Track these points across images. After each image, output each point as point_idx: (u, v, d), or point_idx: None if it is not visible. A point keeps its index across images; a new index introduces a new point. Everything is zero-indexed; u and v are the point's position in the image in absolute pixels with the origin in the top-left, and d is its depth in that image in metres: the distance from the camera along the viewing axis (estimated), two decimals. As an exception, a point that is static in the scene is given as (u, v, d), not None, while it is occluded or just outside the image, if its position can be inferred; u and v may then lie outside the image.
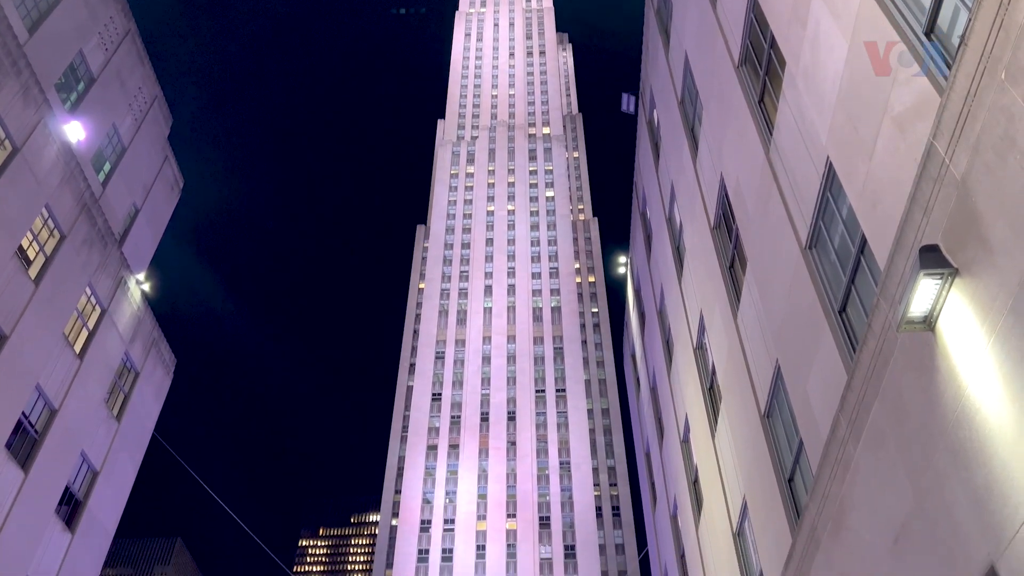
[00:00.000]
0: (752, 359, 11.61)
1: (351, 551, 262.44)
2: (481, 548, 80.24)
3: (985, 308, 5.44)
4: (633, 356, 29.29)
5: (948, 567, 5.97)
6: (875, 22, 7.29)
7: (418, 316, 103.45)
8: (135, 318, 25.76)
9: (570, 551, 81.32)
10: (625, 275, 30.27)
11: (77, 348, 22.59)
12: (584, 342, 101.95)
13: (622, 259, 29.81)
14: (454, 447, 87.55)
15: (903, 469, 6.69)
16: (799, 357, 9.63)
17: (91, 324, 23.38)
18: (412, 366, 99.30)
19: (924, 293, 5.94)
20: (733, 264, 12.81)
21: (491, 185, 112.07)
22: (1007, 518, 5.13)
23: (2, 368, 19.02)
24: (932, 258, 5.87)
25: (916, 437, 6.43)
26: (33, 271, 20.55)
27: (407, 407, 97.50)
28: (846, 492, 7.96)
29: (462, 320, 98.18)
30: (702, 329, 15.24)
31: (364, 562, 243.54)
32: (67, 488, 22.12)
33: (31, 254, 20.58)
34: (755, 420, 11.41)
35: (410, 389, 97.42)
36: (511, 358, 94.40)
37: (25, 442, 20.37)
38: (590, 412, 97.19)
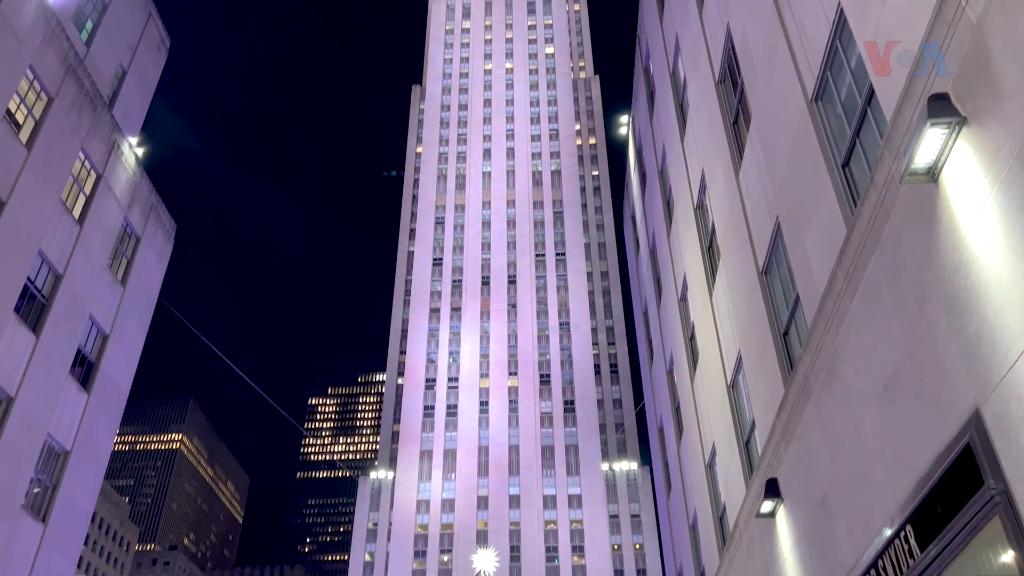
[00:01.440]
0: (752, 216, 11.59)
1: (359, 409, 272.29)
2: (484, 404, 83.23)
3: (990, 157, 5.37)
4: (633, 217, 29.28)
5: (935, 412, 6.19)
6: None
7: (416, 181, 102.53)
8: (131, 183, 25.56)
9: (569, 406, 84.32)
10: (626, 135, 29.77)
11: (76, 214, 22.55)
12: (584, 205, 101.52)
13: (624, 119, 29.21)
14: (456, 310, 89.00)
15: (896, 320, 6.81)
16: (799, 213, 9.60)
17: (88, 189, 23.23)
18: (412, 232, 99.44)
19: (930, 143, 5.85)
20: (737, 120, 12.56)
21: (488, 42, 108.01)
22: (996, 364, 5.27)
23: (3, 234, 19.07)
24: (941, 106, 5.74)
25: (912, 289, 6.51)
26: (24, 135, 20.21)
27: (409, 272, 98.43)
28: (839, 344, 8.15)
29: (461, 185, 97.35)
30: (703, 188, 15.14)
31: (372, 419, 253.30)
32: (79, 351, 22.69)
33: (20, 118, 20.17)
34: (753, 277, 11.53)
35: (411, 254, 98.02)
36: (511, 223, 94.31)
37: (33, 307, 20.71)
38: (589, 275, 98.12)
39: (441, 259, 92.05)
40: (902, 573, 6.73)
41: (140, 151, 26.21)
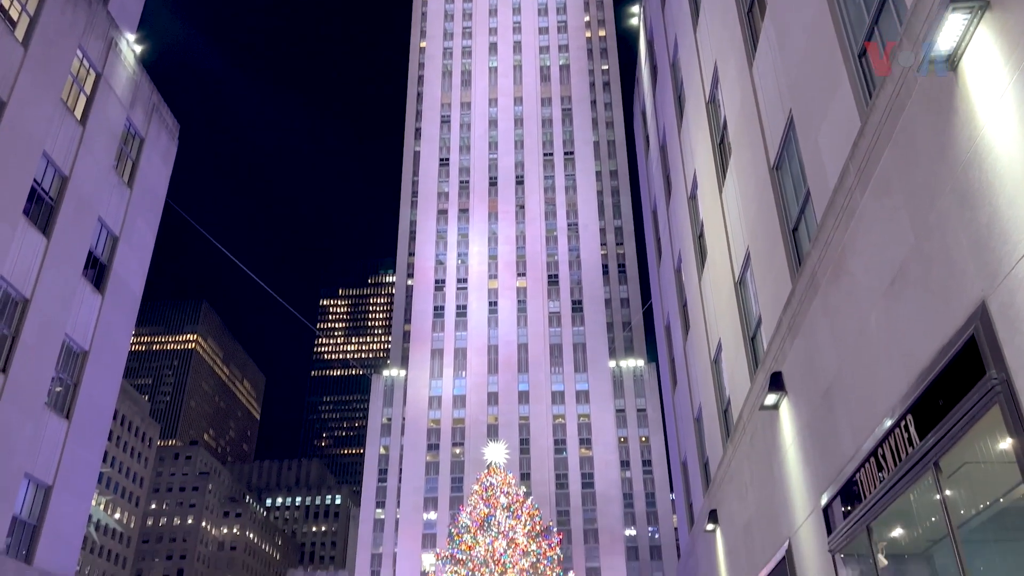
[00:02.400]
0: (765, 110, 11.35)
1: (370, 309, 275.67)
2: (493, 304, 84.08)
3: (1012, 43, 5.19)
4: (643, 113, 28.72)
5: (941, 304, 6.22)
6: None
7: (421, 78, 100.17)
8: (132, 82, 25.11)
9: (577, 305, 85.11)
10: (637, 26, 28.84)
11: (78, 114, 22.28)
12: (593, 102, 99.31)
13: (635, 8, 28.22)
14: (464, 211, 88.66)
15: (907, 214, 6.76)
16: (813, 106, 9.40)
17: (88, 89, 22.85)
18: (418, 131, 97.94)
19: (950, 29, 5.66)
20: (752, 9, 12.13)
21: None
22: (1005, 255, 5.26)
23: (6, 135, 18.91)
24: (964, -10, 5.52)
25: (924, 181, 6.43)
26: (20, 33, 19.75)
27: (415, 173, 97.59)
28: (848, 239, 8.12)
29: (467, 82, 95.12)
30: (715, 81, 14.78)
31: (383, 319, 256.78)
32: (91, 253, 22.85)
33: (14, 15, 19.65)
34: (764, 173, 11.39)
35: (417, 154, 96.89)
36: (518, 121, 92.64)
37: (42, 209, 20.75)
38: (598, 174, 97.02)
39: (448, 159, 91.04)
40: (900, 461, 6.92)
41: (139, 48, 25.63)
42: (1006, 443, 5.46)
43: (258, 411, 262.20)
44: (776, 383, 10.40)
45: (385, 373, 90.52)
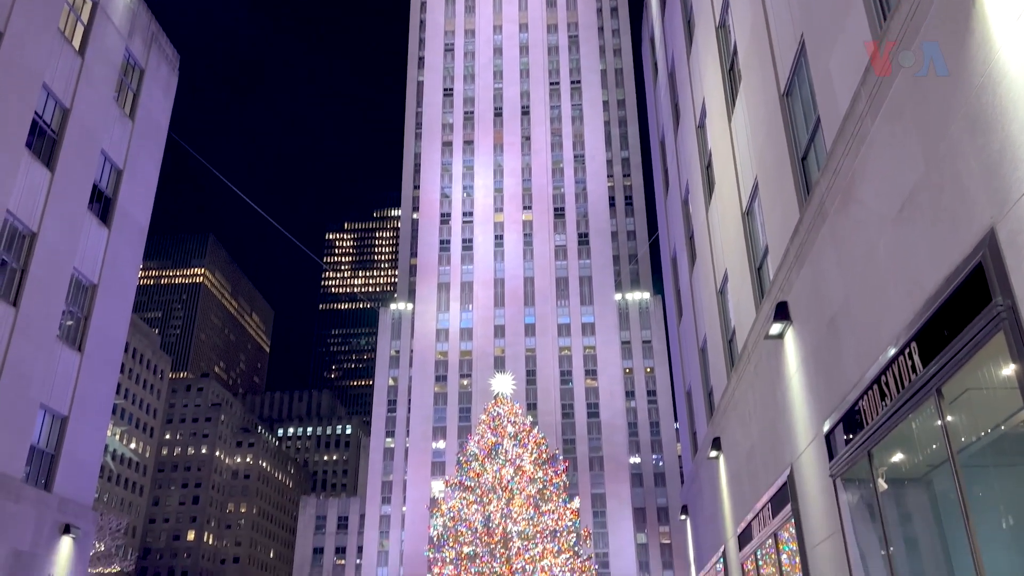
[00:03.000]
0: (776, 36, 11.09)
1: (376, 243, 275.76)
2: (499, 238, 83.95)
3: (1035, -40, 5.02)
4: (651, 40, 28.10)
5: (949, 232, 6.18)
6: None
7: (424, 4, 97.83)
8: (129, 11, 24.60)
9: (583, 238, 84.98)
10: (645, -50, 27.96)
11: (76, 44, 21.92)
12: (600, 29, 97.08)
13: (643, -69, 27.31)
14: (468, 143, 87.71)
15: (918, 140, 6.67)
16: (825, 31, 9.17)
17: (85, 18, 22.42)
18: (421, 60, 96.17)
19: (971, -54, 5.47)
20: (764, -72, 11.72)
21: None
22: (1016, 181, 5.20)
23: (5, 67, 18.65)
24: (987, -96, 5.31)
25: (936, 107, 6.32)
26: (12, -40, 19.28)
27: (419, 103, 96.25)
28: (858, 166, 8.03)
29: (471, 7, 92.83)
30: (726, 6, 14.40)
31: (389, 253, 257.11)
32: (95, 186, 22.79)
33: (5, -60, 19.15)
34: (774, 100, 11.19)
35: (420, 84, 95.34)
36: (523, 48, 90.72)
37: (44, 142, 20.61)
38: (605, 104, 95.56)
39: (452, 89, 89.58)
40: (903, 388, 6.99)
41: (135, -24, 25.03)
42: (1009, 369, 5.50)
43: (267, 344, 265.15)
44: (781, 312, 10.43)
45: (392, 307, 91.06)
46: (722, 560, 16.39)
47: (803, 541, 10.26)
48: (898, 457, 8.31)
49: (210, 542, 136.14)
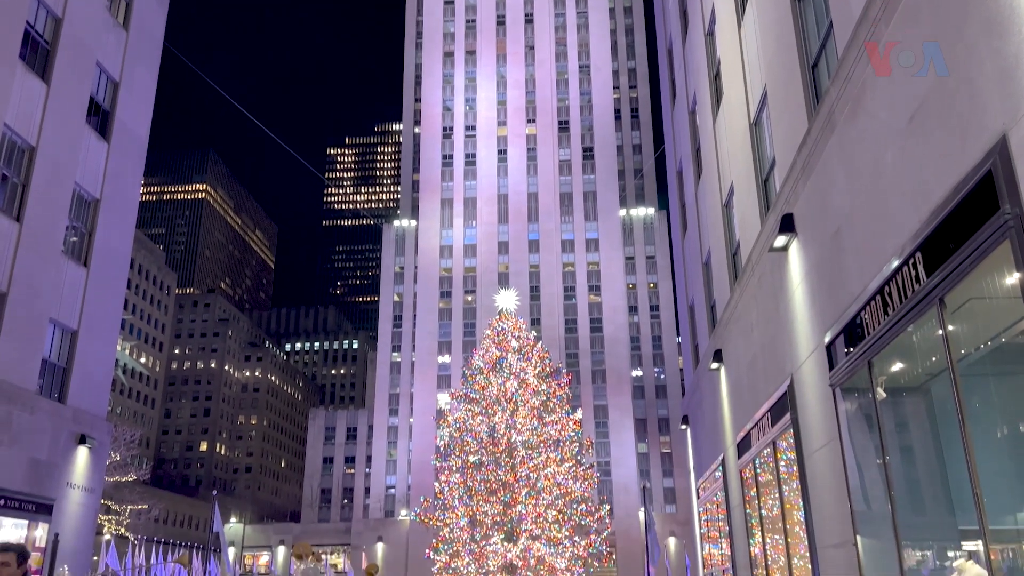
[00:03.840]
0: (790, -64, 10.66)
1: (377, 158, 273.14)
2: (502, 152, 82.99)
3: None
4: (660, -56, 27.08)
5: (960, 140, 6.09)
6: None
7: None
8: (118, -86, 23.69)
9: (588, 153, 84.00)
10: None
11: (64, -50, 21.19)
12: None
13: None
14: (471, 54, 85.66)
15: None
16: (842, -70, 8.81)
17: (72, -78, 21.61)
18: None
19: None
20: None
21: None
22: (1031, 86, 5.08)
23: (-8, -26, 18.09)
24: None
25: (952, 10, 6.12)
26: None
27: (419, 12, 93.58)
28: (869, 74, 7.84)
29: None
30: (738, -95, 13.81)
31: (391, 168, 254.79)
32: (92, 99, 22.43)
33: None
34: (785, 5, 10.85)
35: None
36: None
37: (38, 53, 20.19)
38: (612, 11, 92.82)
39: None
40: (906, 298, 7.02)
41: None
42: (1013, 278, 5.50)
43: (272, 260, 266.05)
44: (787, 225, 10.38)
45: (396, 223, 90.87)
46: (721, 468, 16.82)
47: (801, 449, 10.50)
48: (897, 367, 8.42)
49: (223, 452, 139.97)
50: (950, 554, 7.95)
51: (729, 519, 16.33)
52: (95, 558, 29.67)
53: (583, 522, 42.83)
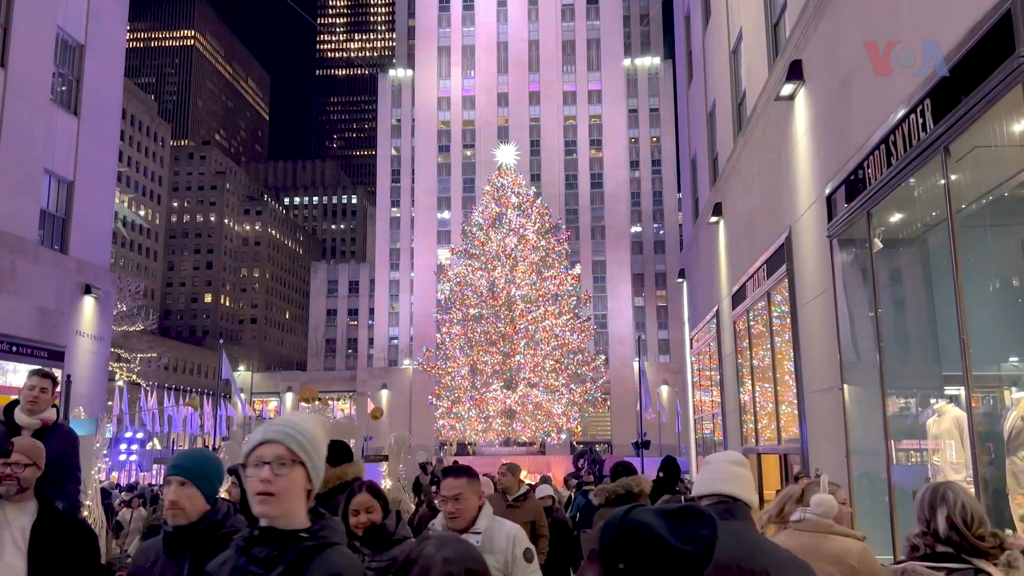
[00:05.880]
0: None
1: (371, 2, 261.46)
2: (502, -3, 79.47)
3: None
4: None
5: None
6: None
7: None
8: None
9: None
10: None
11: None
12: None
13: None
14: None
15: None
16: None
17: None
18: None
19: None
20: None
21: None
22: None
23: None
24: None
25: None
26: None
27: None
28: (893, -95, 7.36)
29: None
30: None
31: (386, 14, 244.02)
32: (68, -65, 21.17)
33: None
34: None
35: None
36: None
37: None
38: None
39: None
40: (911, 147, 6.91)
41: None
42: (1022, 125, 5.40)
43: (267, 112, 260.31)
44: (795, 72, 10.08)
45: (392, 73, 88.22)
46: (715, 319, 17.19)
47: (795, 299, 10.68)
48: (896, 217, 8.42)
49: (227, 304, 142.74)
50: (932, 401, 8.27)
51: (720, 368, 16.87)
52: (109, 403, 30.90)
53: (579, 371, 44.40)
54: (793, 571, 2.79)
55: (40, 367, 5.89)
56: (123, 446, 32.92)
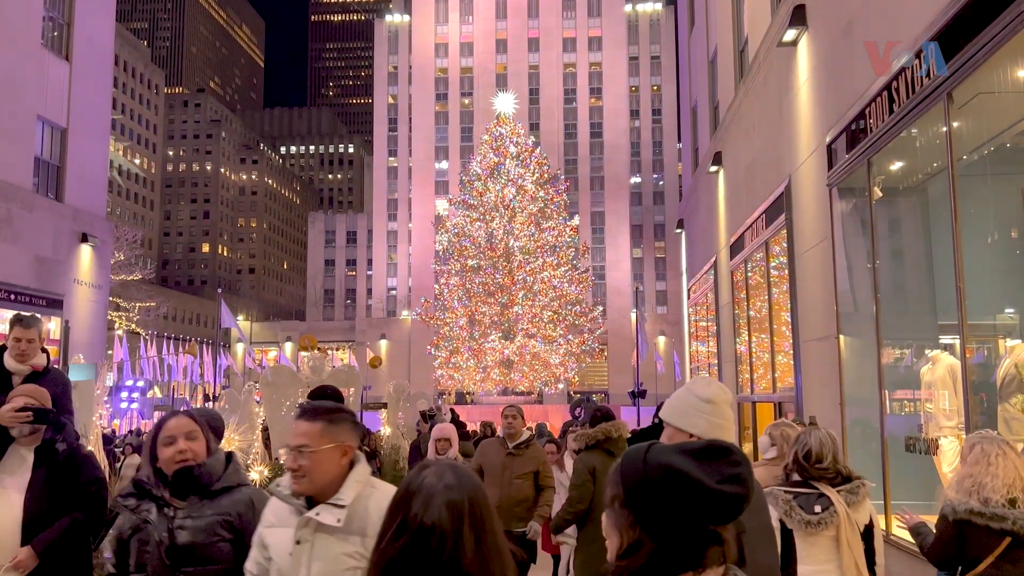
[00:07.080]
0: None
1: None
2: (501, -60, 77.61)
3: None
4: None
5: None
6: None
7: None
8: None
9: (593, -58, 78.64)
10: None
11: None
12: None
13: None
14: None
15: None
16: None
17: None
18: None
19: None
20: None
21: None
22: None
23: None
24: None
25: None
26: None
27: None
28: None
29: None
30: None
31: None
32: None
33: None
34: None
35: None
36: None
37: None
38: None
39: None
40: (913, 93, 6.82)
41: None
42: (1027, 68, 5.32)
43: (262, 59, 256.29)
44: (798, 17, 9.90)
45: (388, 19, 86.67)
46: (713, 269, 17.20)
47: (793, 248, 10.66)
48: (896, 165, 8.36)
49: (225, 254, 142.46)
50: (927, 351, 8.31)
51: (717, 318, 16.93)
52: (109, 352, 31.05)
53: (577, 322, 44.57)
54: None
55: (19, 313, 5.66)
56: (124, 394, 33.20)
